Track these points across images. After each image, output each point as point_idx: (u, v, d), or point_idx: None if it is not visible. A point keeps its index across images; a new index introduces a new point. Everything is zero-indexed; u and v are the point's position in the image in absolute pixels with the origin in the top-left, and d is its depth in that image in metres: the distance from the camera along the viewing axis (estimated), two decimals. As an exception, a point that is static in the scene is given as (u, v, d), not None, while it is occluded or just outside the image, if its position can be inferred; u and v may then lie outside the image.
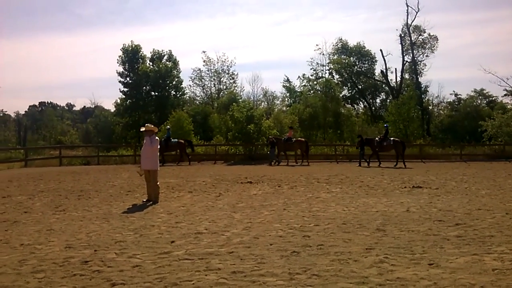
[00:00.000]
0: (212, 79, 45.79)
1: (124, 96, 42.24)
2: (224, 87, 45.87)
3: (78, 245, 5.83)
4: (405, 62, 43.71)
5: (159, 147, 10.53)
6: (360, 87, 46.79)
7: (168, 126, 25.56)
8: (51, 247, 5.74)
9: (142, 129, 10.43)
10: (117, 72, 42.04)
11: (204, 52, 45.73)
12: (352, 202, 9.38)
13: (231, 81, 46.20)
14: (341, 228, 6.69)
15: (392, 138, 22.09)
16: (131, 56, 41.77)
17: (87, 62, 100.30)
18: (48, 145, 47.35)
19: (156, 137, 10.33)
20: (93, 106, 64.95)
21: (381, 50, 43.99)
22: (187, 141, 24.19)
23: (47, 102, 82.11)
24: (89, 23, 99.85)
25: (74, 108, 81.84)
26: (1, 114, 52.32)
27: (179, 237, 6.20)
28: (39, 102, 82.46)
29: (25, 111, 77.65)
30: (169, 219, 7.66)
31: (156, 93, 41.32)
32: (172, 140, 23.22)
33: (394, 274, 4.36)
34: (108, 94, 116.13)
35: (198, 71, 45.29)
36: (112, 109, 47.95)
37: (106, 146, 31.61)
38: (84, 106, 75.33)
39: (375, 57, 45.80)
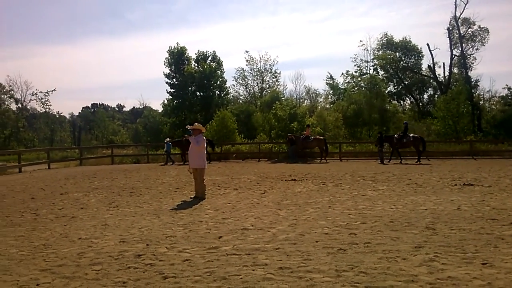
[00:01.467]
0: (255, 78, 46.18)
1: (171, 97, 43.44)
2: (267, 85, 46.10)
3: (131, 239, 6.12)
4: (453, 56, 41.98)
5: (205, 145, 10.74)
6: (406, 82, 45.44)
7: (188, 126, 25.84)
8: (106, 241, 6.06)
9: (190, 127, 10.84)
10: (164, 73, 43.34)
11: (247, 51, 46.21)
12: (399, 200, 9.17)
13: (274, 79, 46.38)
14: (388, 226, 6.58)
15: (411, 135, 21.75)
16: (177, 57, 42.88)
17: (136, 64, 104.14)
18: (101, 144, 49.55)
19: (203, 137, 10.55)
20: (142, 106, 67.28)
21: (427, 44, 42.52)
22: (208, 140, 24.36)
23: (99, 103, 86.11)
24: (137, 26, 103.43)
25: (124, 109, 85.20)
26: (57, 116, 55.19)
27: (226, 233, 6.35)
28: (92, 104, 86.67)
29: (79, 112, 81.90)
30: (216, 215, 7.85)
31: (201, 93, 42.16)
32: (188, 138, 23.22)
33: (445, 273, 4.26)
34: (156, 95, 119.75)
35: (241, 71, 45.84)
36: (160, 109, 49.44)
37: (155, 145, 32.56)
38: (134, 107, 78.36)
39: (422, 52, 44.32)
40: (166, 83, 43.26)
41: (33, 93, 48.70)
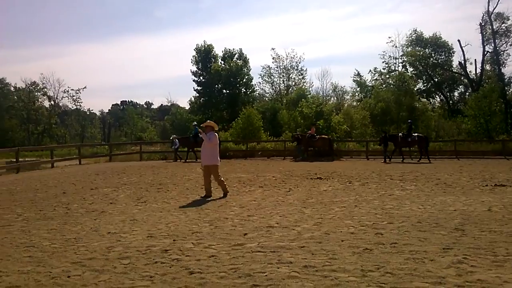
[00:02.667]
0: (281, 76, 46.11)
1: (197, 95, 43.92)
2: (293, 83, 45.97)
3: (159, 234, 6.24)
4: (486, 52, 40.70)
5: (218, 143, 10.58)
6: (436, 80, 44.31)
7: (195, 123, 26.03)
8: (134, 235, 6.20)
9: (202, 124, 10.70)
10: (191, 71, 43.81)
11: (273, 49, 46.23)
12: (428, 200, 8.98)
13: (300, 77, 46.22)
14: (416, 226, 6.46)
15: (416, 134, 21.89)
16: (204, 55, 43.28)
17: (164, 62, 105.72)
18: (130, 141, 50.57)
19: (215, 134, 10.37)
20: (170, 104, 68.37)
21: (458, 40, 41.35)
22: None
23: (128, 101, 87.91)
24: (165, 24, 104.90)
25: (152, 106, 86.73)
26: (88, 113, 56.80)
27: (251, 230, 6.39)
28: (121, 101, 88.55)
29: (109, 110, 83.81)
30: (241, 212, 7.91)
31: (228, 91, 42.44)
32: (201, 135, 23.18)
33: (474, 276, 4.15)
34: (183, 93, 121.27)
35: (267, 68, 45.83)
36: (187, 107, 50.10)
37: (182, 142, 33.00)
38: (162, 104, 79.56)
39: (453, 48, 43.08)
40: (193, 80, 43.81)
41: (64, 91, 50.28)
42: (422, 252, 5.00)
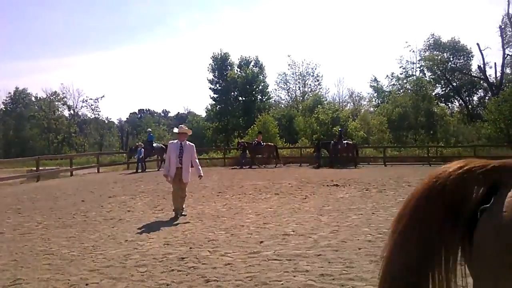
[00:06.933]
0: (297, 82, 46.03)
1: (214, 102, 44.15)
2: (309, 89, 45.83)
3: (175, 242, 6.27)
4: (506, 55, 39.84)
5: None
6: (455, 84, 43.59)
7: (149, 129, 25.99)
8: (151, 243, 6.25)
9: (180, 131, 8.98)
10: (207, 79, 44.13)
11: (289, 56, 46.11)
12: (447, 207, 8.81)
13: (316, 83, 46.03)
14: (435, 234, 6.33)
15: (345, 141, 23.17)
16: (220, 63, 43.54)
17: (181, 70, 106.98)
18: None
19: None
20: (186, 112, 68.92)
21: (478, 44, 40.60)
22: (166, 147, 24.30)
23: (146, 109, 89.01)
24: (182, 33, 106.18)
25: (169, 115, 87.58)
26: (106, 121, 57.66)
27: (267, 238, 6.36)
28: (138, 109, 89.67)
29: (127, 118, 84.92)
30: (257, 220, 7.89)
31: (243, 98, 42.52)
32: (155, 144, 23.00)
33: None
34: (200, 101, 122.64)
35: (283, 75, 45.87)
36: (203, 114, 50.39)
37: (198, 150, 33.21)
38: (178, 112, 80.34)
39: (471, 52, 42.32)
40: (209, 88, 44.04)
41: (83, 100, 51.18)
42: (442, 261, 4.88)
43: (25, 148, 46.06)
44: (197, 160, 9.07)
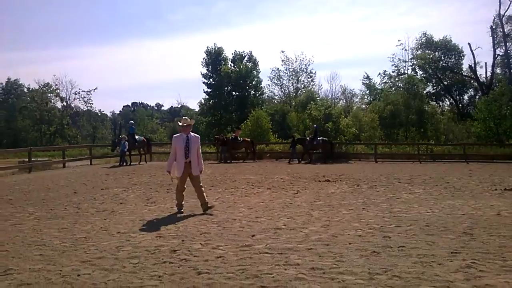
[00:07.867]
0: (290, 78, 46.11)
1: (207, 96, 44.05)
2: (302, 85, 45.94)
3: (167, 235, 6.30)
4: (496, 55, 40.27)
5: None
6: (446, 83, 43.91)
7: (132, 121, 25.97)
8: (143, 235, 6.27)
9: (183, 123, 8.46)
10: (201, 73, 43.98)
11: (282, 51, 46.16)
12: (436, 204, 8.94)
13: (309, 79, 46.16)
14: (424, 230, 6.44)
15: (320, 138, 23.66)
16: (214, 58, 43.41)
17: (175, 64, 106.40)
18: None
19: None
20: (180, 106, 68.65)
21: (469, 43, 41.15)
22: (147, 140, 24.53)
23: (139, 102, 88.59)
24: (178, 28, 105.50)
25: (162, 108, 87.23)
26: (99, 114, 57.27)
27: (259, 232, 6.42)
28: (132, 103, 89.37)
29: (120, 111, 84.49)
30: (249, 214, 7.94)
31: (237, 93, 42.49)
32: (137, 137, 22.89)
33: (482, 281, 4.14)
34: (193, 95, 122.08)
35: (276, 71, 45.90)
36: (197, 108, 50.24)
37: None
38: (172, 106, 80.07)
39: (463, 52, 42.60)
40: (203, 83, 43.91)
41: (76, 92, 50.76)
42: (430, 256, 4.99)
43: (17, 139, 45.68)
44: (200, 153, 8.54)
